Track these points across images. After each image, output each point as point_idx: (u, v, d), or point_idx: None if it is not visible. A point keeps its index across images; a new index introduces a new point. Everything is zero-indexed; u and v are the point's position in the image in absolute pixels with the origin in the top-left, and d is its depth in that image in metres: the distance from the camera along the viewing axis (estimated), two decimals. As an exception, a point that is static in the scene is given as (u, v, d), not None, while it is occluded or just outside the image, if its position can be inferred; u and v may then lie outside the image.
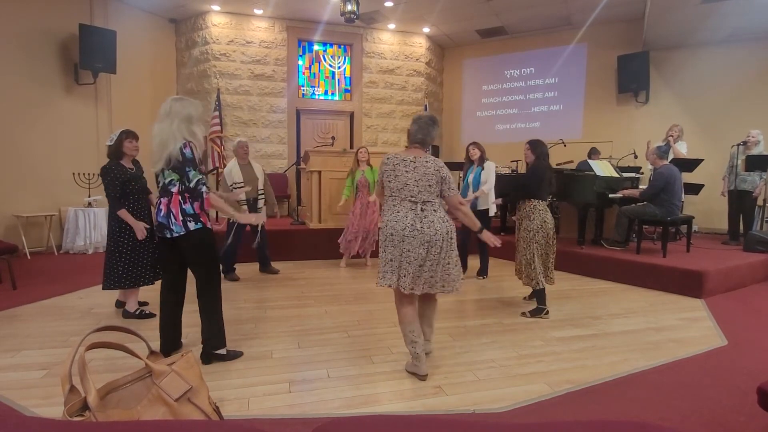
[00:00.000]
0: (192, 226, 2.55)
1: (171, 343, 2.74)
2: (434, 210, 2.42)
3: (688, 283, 4.30)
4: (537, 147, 3.79)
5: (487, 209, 4.75)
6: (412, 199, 2.40)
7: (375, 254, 5.37)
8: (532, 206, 3.65)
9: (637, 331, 3.33)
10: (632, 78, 7.81)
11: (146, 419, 0.91)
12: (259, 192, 4.89)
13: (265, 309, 3.78)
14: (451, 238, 2.45)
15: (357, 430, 0.58)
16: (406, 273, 2.38)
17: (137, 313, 3.49)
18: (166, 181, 2.57)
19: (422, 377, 2.47)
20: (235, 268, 4.93)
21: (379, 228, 2.57)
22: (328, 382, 2.44)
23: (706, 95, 7.55)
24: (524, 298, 4.14)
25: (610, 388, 2.41)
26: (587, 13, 7.69)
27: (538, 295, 3.65)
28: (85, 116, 6.95)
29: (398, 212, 2.42)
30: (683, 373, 2.59)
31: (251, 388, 2.36)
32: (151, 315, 3.45)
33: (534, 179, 3.70)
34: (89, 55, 6.49)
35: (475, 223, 2.61)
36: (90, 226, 6.32)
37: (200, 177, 2.56)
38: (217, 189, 7.70)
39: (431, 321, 2.73)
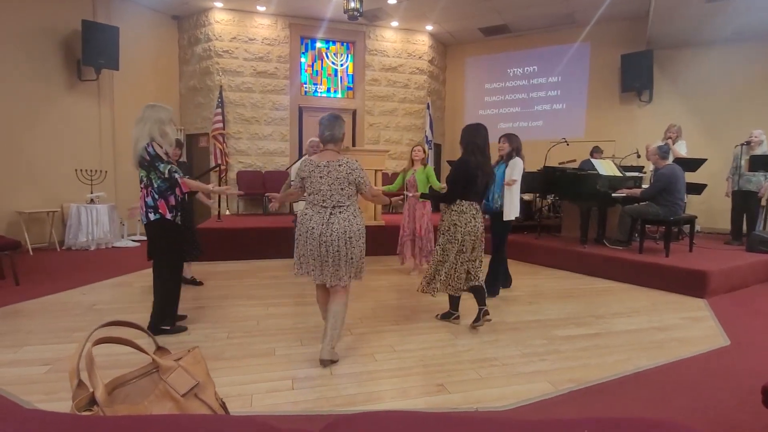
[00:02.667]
0: (152, 216, 2.94)
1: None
2: (340, 212, 2.60)
3: (691, 283, 4.29)
4: (465, 136, 3.24)
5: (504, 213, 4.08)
6: (323, 204, 2.61)
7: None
8: (445, 207, 3.24)
9: (639, 330, 3.32)
10: (636, 77, 7.79)
11: (154, 414, 0.91)
12: None
13: (267, 306, 3.78)
14: (350, 237, 2.59)
15: (368, 426, 0.58)
16: (313, 268, 2.64)
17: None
18: (140, 176, 2.97)
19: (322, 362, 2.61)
20: None
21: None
22: (331, 379, 2.45)
23: (710, 94, 7.53)
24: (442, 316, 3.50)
25: (613, 387, 2.41)
26: (591, 11, 7.66)
27: (452, 301, 3.39)
28: (88, 112, 6.95)
29: (305, 214, 2.65)
30: (686, 373, 2.58)
31: (254, 384, 2.36)
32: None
33: (451, 179, 3.21)
34: (92, 51, 6.49)
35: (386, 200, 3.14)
36: (92, 222, 6.33)
37: (171, 166, 2.90)
38: (219, 185, 7.71)
39: (336, 322, 2.62)
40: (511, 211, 4.04)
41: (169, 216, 2.97)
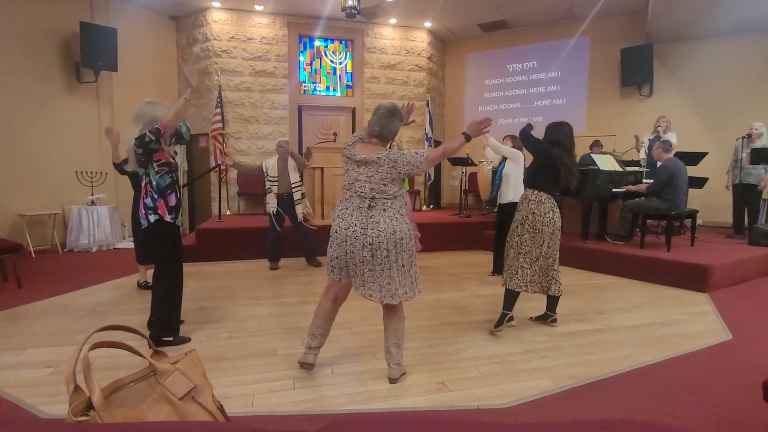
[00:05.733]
0: (152, 218, 2.80)
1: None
2: (383, 209, 2.24)
3: (693, 278, 4.28)
4: (548, 135, 3.16)
5: (511, 202, 4.37)
6: (361, 194, 2.27)
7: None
8: (523, 196, 3.19)
9: (641, 325, 3.32)
10: (636, 71, 7.75)
11: (151, 418, 0.91)
12: (293, 186, 5.23)
13: (269, 306, 3.78)
14: (401, 238, 2.24)
15: (363, 429, 0.57)
16: (355, 273, 2.28)
17: (143, 284, 4.25)
18: (139, 177, 2.87)
19: (304, 365, 2.46)
20: (277, 258, 5.33)
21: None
22: (332, 378, 2.45)
23: (710, 88, 7.49)
24: (531, 318, 3.45)
25: (615, 383, 2.40)
26: (590, 5, 7.62)
27: (506, 296, 3.13)
28: (88, 114, 6.96)
29: (345, 209, 2.31)
30: (688, 368, 2.58)
31: (256, 385, 2.37)
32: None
33: (534, 161, 3.16)
34: (90, 53, 6.49)
35: (459, 144, 2.47)
36: (93, 225, 6.35)
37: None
38: (219, 184, 7.73)
39: (399, 340, 2.38)
40: (507, 194, 4.54)
41: (168, 218, 2.81)
